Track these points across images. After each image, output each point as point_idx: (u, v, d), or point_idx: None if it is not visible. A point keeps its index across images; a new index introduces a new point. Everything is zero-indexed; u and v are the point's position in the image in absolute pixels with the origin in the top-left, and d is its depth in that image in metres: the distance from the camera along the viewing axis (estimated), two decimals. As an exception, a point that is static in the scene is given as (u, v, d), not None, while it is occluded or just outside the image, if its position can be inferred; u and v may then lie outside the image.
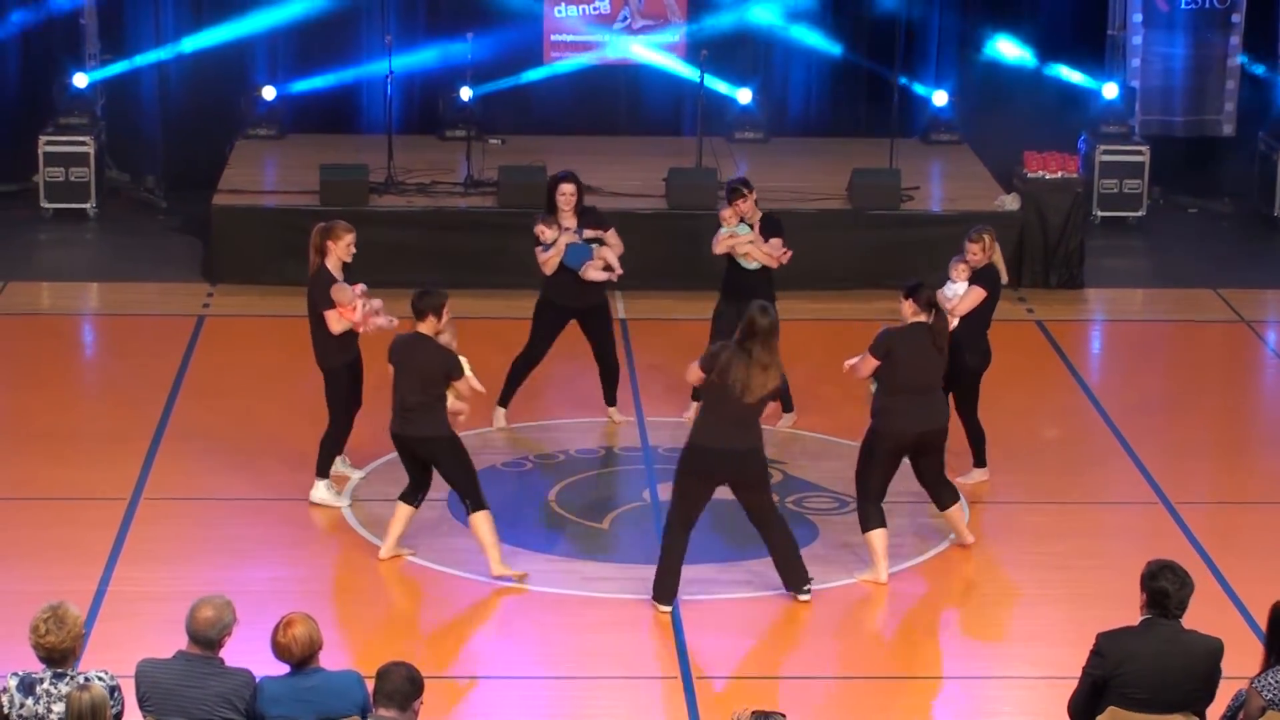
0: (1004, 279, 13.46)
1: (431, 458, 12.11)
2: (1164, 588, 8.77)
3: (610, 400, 14.78)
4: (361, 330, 12.98)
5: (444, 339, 12.11)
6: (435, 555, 12.49)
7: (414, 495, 12.32)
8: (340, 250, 12.91)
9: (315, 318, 13.02)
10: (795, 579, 11.92)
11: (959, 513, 12.61)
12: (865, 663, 11.51)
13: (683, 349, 14.98)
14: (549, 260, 14.11)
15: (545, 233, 14.12)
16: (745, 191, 14.24)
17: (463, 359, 12.08)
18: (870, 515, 12.16)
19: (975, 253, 13.28)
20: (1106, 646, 8.80)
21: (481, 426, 14.27)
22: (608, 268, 14.16)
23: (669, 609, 11.81)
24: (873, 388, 12.22)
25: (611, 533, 13.00)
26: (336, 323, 12.88)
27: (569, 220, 14.21)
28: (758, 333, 11.46)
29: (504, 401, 14.55)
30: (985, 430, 13.63)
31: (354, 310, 12.88)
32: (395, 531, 12.41)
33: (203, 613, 8.51)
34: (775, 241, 14.18)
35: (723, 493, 13.42)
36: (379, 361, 12.38)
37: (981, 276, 13.26)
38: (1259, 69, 20.65)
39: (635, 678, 11.27)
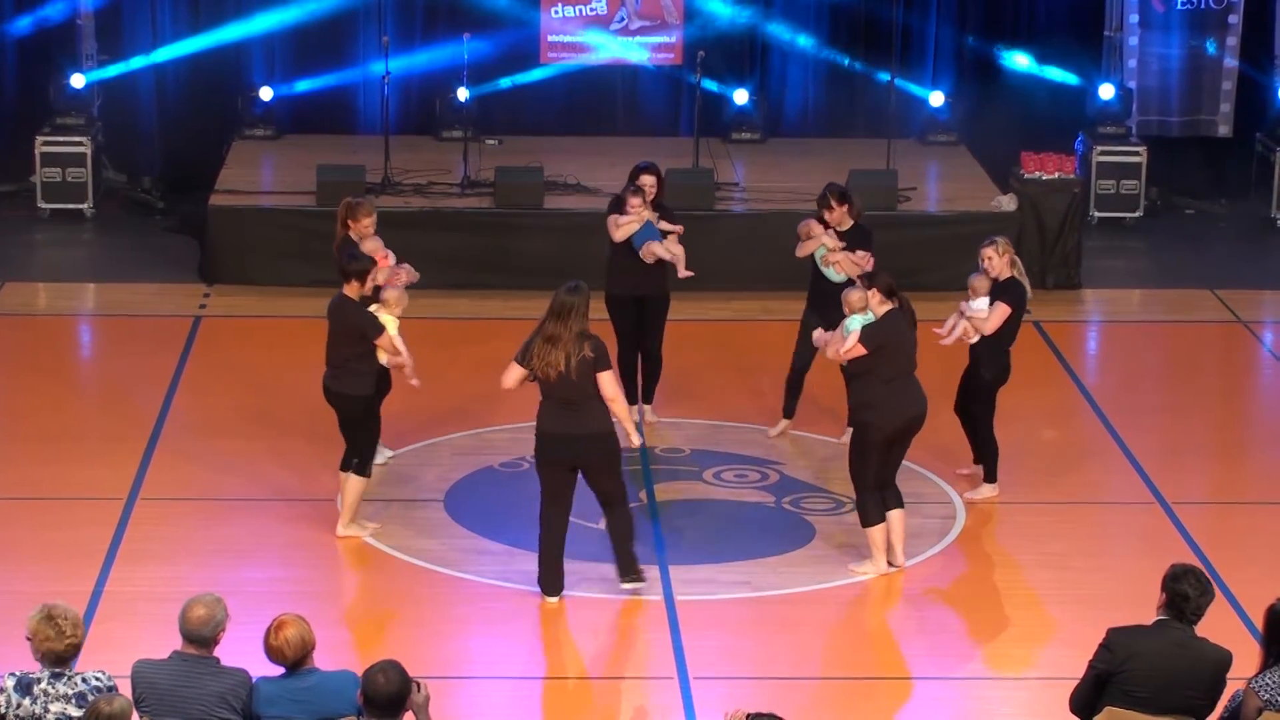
0: (1029, 293, 13.10)
1: (342, 411, 12.45)
2: (1185, 591, 8.76)
3: (648, 397, 14.56)
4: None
5: (390, 299, 12.45)
6: (433, 556, 12.48)
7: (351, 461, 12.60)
8: (359, 230, 13.18)
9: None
10: (624, 567, 11.90)
11: (898, 520, 12.31)
12: (863, 663, 11.50)
13: (682, 349, 15.00)
14: (625, 227, 13.97)
15: (638, 206, 14.00)
16: (849, 196, 13.94)
17: (390, 319, 12.34)
18: (870, 511, 12.11)
19: (991, 257, 12.89)
20: (1116, 641, 8.79)
21: (491, 425, 14.35)
22: (675, 257, 14.05)
23: (555, 600, 11.82)
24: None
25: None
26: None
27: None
28: (551, 308, 11.43)
29: (647, 400, 14.54)
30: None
31: (388, 259, 13.13)
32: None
33: (195, 611, 8.50)
34: (862, 254, 13.72)
35: (723, 493, 13.47)
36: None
37: (1007, 291, 12.91)
38: (1256, 70, 20.66)
39: (633, 678, 11.27)
